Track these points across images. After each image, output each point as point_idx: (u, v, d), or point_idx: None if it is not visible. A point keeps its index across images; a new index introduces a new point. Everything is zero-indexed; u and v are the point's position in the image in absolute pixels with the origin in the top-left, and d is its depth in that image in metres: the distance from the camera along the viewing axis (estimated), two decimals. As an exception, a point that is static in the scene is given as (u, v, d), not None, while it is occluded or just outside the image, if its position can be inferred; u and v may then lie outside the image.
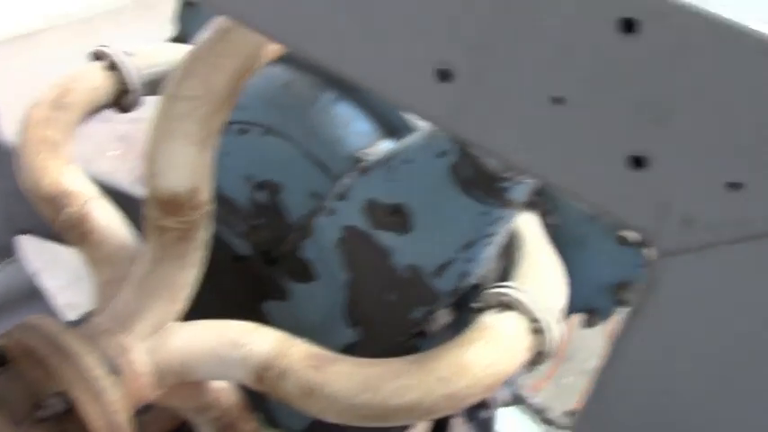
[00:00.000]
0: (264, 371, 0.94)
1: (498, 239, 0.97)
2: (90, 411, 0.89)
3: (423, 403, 0.89)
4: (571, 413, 1.61)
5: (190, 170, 0.92)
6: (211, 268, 1.33)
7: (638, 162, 0.48)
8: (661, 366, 0.54)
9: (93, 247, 1.09)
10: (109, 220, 1.12)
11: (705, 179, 0.46)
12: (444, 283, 0.99)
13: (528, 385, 1.63)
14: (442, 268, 0.98)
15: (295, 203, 1.15)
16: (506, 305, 0.99)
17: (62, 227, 1.11)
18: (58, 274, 1.94)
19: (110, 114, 1.31)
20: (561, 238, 1.22)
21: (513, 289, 1.00)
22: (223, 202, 1.25)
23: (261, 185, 1.17)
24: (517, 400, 1.58)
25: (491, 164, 0.87)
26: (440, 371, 0.90)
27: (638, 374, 0.56)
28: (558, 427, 1.61)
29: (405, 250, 1.00)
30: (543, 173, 0.54)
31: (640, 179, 0.49)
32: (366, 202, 1.01)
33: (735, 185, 0.45)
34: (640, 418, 0.57)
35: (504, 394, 1.49)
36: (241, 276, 1.27)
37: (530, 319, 0.98)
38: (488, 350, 0.93)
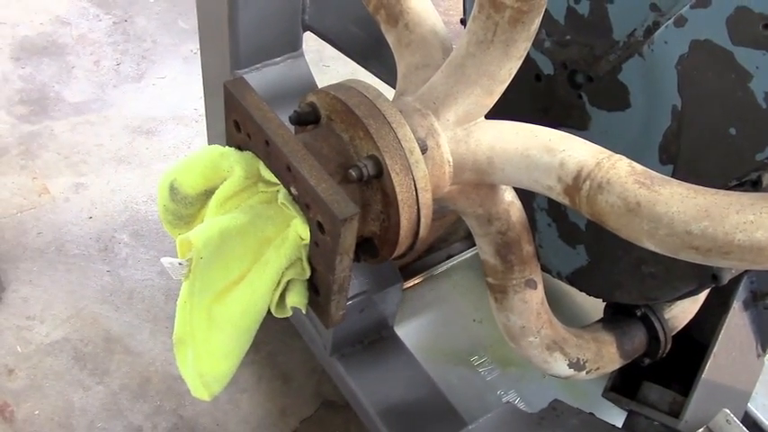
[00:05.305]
0: (581, 180, 0.85)
1: None
2: (398, 182, 0.84)
3: (772, 246, 0.76)
4: None
5: None
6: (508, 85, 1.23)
7: None
8: None
9: (406, 28, 1.03)
10: (423, 4, 1.05)
11: None
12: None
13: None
14: (818, 100, 0.81)
15: (626, 16, 1.00)
16: None
17: (377, 5, 1.05)
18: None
19: None
20: None
21: None
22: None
23: (588, -7, 1.04)
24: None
25: None
26: (801, 214, 0.76)
27: None
28: None
29: (773, 73, 0.84)
30: None
31: None
32: (735, 10, 0.85)
33: None
34: None
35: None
36: (539, 98, 1.17)
37: None
38: None
